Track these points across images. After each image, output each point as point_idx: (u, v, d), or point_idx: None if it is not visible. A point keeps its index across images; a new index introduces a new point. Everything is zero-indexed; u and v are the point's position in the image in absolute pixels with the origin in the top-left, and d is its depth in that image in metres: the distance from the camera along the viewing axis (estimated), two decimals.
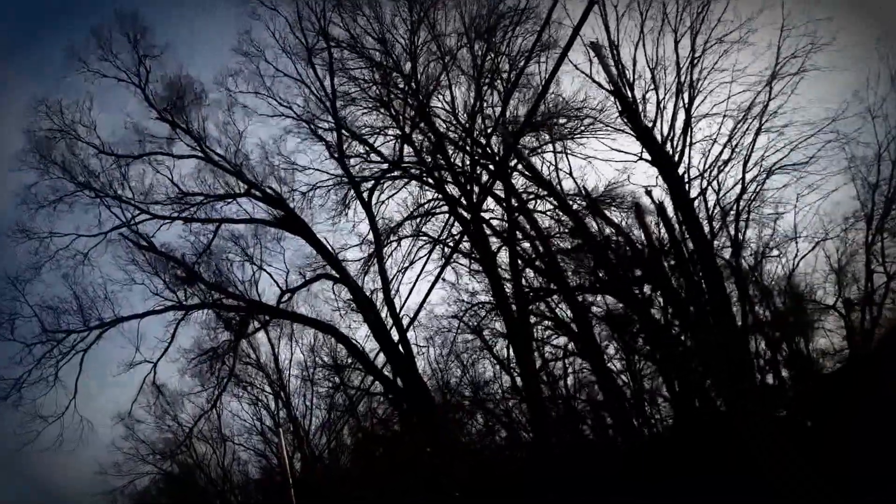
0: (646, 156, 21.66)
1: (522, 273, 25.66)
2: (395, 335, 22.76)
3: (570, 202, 24.40)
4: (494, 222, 26.32)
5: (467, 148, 25.22)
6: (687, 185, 20.26)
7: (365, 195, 23.96)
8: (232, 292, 24.72)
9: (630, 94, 21.97)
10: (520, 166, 25.80)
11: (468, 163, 25.66)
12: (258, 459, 43.02)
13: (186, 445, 27.00)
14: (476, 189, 25.09)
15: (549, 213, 25.36)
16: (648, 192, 21.06)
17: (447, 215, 25.90)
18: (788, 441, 16.33)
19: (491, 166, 25.34)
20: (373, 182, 24.25)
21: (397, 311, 21.82)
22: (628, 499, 18.19)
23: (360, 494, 35.44)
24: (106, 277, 26.24)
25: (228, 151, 25.24)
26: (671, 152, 21.04)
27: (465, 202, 25.45)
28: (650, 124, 21.25)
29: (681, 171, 20.76)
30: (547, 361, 25.55)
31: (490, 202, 26.07)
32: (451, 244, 25.61)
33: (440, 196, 26.08)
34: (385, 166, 24.90)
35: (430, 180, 25.87)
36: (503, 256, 25.75)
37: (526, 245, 26.13)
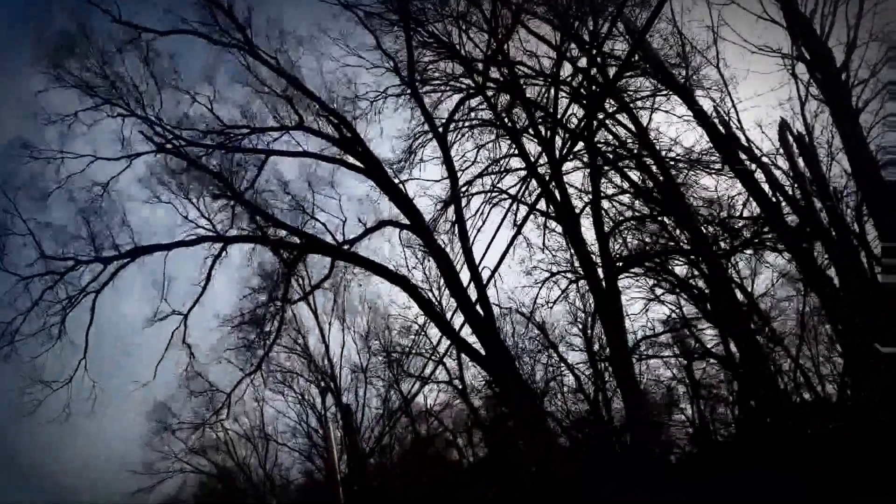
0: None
1: (611, 237, 22.59)
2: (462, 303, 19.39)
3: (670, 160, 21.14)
4: (577, 183, 23.37)
5: (549, 99, 22.29)
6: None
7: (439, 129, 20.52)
8: (284, 222, 20.38)
9: None
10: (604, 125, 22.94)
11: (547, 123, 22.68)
12: (301, 461, 40.39)
13: (225, 415, 22.29)
14: (560, 139, 22.11)
15: (643, 170, 22.14)
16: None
17: (525, 173, 22.92)
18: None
19: (576, 118, 22.45)
20: (446, 118, 20.83)
21: (476, 263, 18.71)
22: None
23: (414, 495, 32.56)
24: (128, 201, 22.06)
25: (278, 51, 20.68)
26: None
27: (543, 157, 22.51)
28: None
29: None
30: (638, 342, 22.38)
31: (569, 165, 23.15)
32: (528, 203, 22.69)
33: (516, 152, 23.18)
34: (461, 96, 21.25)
35: (506, 132, 22.96)
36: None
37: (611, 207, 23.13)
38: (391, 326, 31.79)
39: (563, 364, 24.67)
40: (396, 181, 19.74)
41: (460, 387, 28.56)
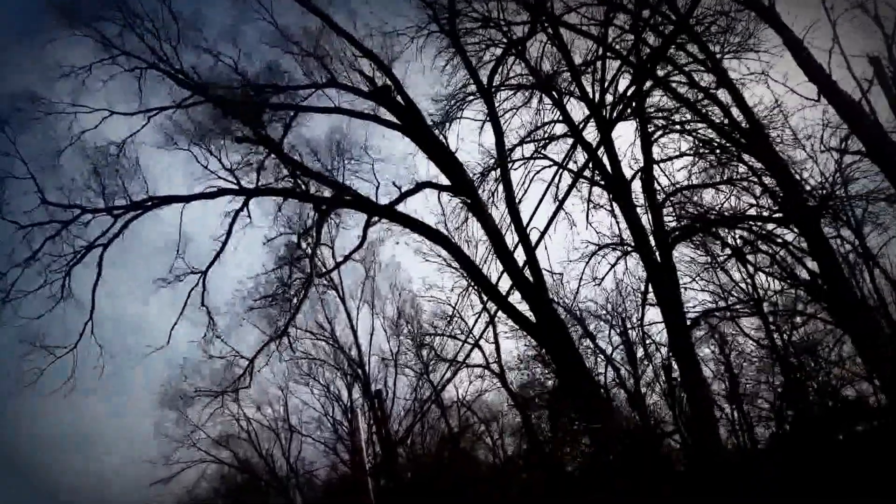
0: None
1: (665, 205, 20.81)
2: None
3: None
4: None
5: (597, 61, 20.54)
6: None
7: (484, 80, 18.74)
8: (317, 171, 18.34)
9: None
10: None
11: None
12: (326, 453, 38.93)
13: (247, 383, 20.03)
14: (609, 101, 20.37)
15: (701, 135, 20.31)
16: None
17: (571, 139, 21.17)
18: None
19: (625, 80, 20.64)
20: (491, 66, 18.96)
21: (524, 225, 16.95)
22: None
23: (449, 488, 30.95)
24: (142, 148, 19.10)
25: None
26: None
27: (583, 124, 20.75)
28: None
29: None
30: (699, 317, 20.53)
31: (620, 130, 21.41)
32: (573, 171, 20.97)
33: (560, 118, 21.48)
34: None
35: (548, 95, 21.25)
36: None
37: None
38: (423, 309, 30.28)
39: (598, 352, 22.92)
40: (437, 134, 17.91)
41: (498, 371, 26.89)
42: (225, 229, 18.20)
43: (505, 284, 17.13)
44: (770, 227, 20.00)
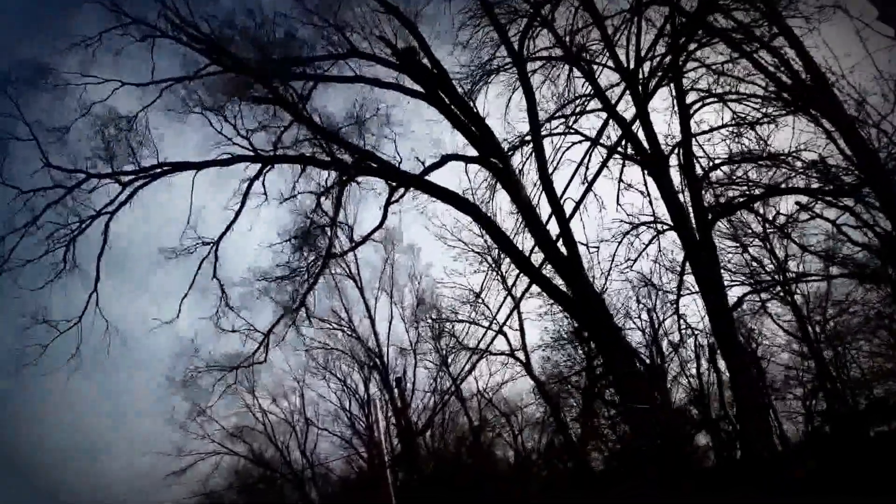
0: None
1: (705, 181, 19.69)
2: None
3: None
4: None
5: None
6: None
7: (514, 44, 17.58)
8: (341, 136, 16.96)
9: None
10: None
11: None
12: (343, 447, 38.02)
13: (262, 358, 18.75)
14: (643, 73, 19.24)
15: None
16: None
17: (603, 114, 20.08)
18: None
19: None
20: (517, 40, 17.79)
21: (558, 196, 15.84)
22: None
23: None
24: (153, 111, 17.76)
25: None
26: None
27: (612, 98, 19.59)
28: None
29: None
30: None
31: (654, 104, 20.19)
32: (607, 146, 19.93)
33: (592, 91, 20.41)
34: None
35: (579, 69, 20.17)
36: None
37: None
38: (443, 295, 29.30)
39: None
40: (464, 101, 16.80)
41: (523, 359, 25.85)
42: (239, 198, 17.29)
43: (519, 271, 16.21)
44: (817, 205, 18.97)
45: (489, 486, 30.33)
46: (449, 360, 30.31)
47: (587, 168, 20.35)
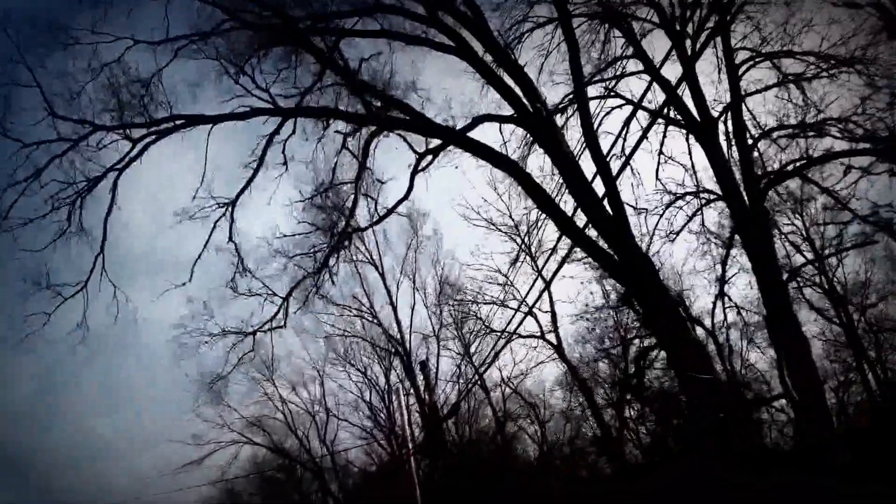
0: None
1: (756, 145, 18.35)
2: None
3: None
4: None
5: None
6: None
7: None
8: (365, 82, 15.44)
9: None
10: None
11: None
12: (364, 438, 36.97)
13: (282, 322, 17.32)
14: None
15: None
16: None
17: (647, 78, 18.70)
18: None
19: None
20: None
21: (603, 153, 14.51)
22: None
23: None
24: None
25: None
26: None
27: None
28: None
29: None
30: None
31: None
32: (651, 110, 18.61)
33: (632, 52, 19.06)
34: None
35: (619, 28, 18.81)
36: None
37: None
38: (470, 277, 28.11)
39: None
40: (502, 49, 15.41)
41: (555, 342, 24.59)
42: (258, 154, 15.99)
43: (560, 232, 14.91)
44: None
45: (512, 479, 29.20)
46: (474, 346, 29.19)
47: (625, 138, 19.17)
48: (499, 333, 25.16)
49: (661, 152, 20.48)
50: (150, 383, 57.18)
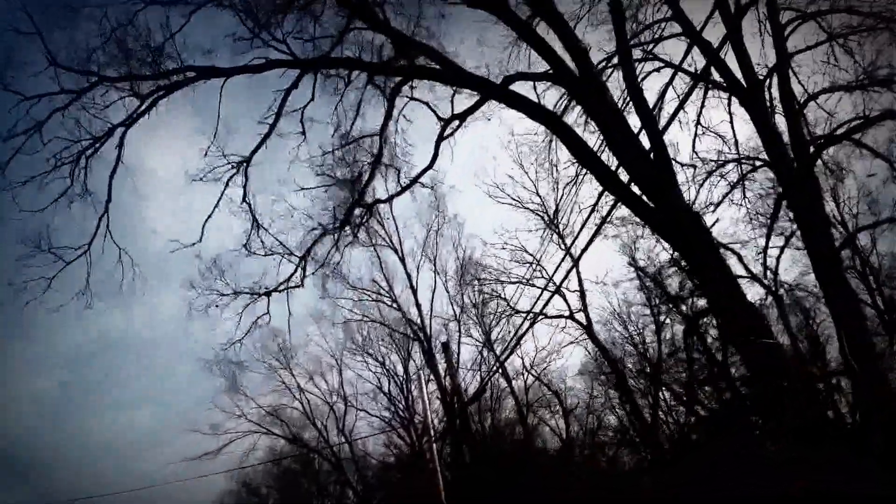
0: None
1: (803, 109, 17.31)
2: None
3: None
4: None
5: None
6: None
7: None
8: (394, 28, 14.07)
9: None
10: None
11: None
12: (383, 429, 36.15)
13: (299, 281, 16.10)
14: None
15: None
16: None
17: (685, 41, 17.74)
18: None
19: None
20: None
21: (649, 106, 13.50)
22: None
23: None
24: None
25: None
26: None
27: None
28: None
29: None
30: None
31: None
32: (691, 72, 17.62)
33: (671, 14, 18.07)
34: None
35: None
36: None
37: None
38: (496, 256, 27.16)
39: None
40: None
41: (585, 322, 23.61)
42: (274, 110, 14.99)
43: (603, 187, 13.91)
44: None
45: (535, 469, 28.33)
46: (496, 333, 28.27)
47: (661, 106, 18.20)
48: (524, 314, 24.22)
49: (698, 122, 19.67)
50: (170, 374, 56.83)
